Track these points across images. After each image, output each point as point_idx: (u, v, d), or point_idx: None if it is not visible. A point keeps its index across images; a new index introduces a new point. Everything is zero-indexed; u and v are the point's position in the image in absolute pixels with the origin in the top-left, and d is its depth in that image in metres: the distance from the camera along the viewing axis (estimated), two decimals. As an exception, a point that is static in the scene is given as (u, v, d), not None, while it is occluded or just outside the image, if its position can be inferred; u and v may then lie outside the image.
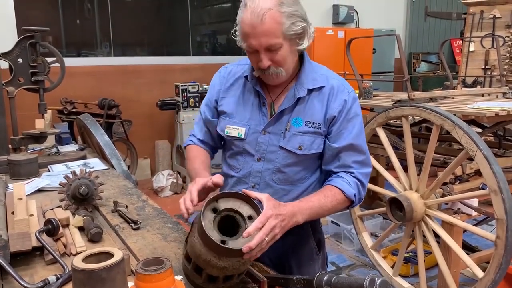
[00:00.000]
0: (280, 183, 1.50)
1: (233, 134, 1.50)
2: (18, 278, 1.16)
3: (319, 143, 1.45)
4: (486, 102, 3.05)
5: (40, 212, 1.66)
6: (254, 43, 1.32)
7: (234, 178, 1.56)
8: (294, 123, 1.44)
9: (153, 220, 1.66)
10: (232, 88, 1.54)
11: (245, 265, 1.16)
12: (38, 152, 2.63)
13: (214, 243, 1.07)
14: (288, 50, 1.35)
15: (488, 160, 2.22)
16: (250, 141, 1.49)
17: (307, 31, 1.36)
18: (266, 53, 1.34)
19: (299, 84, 1.45)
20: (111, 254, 0.95)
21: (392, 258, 3.34)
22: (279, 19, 1.28)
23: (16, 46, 2.51)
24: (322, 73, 1.50)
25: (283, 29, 1.30)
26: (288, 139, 1.45)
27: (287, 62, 1.38)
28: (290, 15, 1.30)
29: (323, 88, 1.45)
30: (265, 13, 1.27)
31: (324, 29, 6.42)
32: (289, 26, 1.30)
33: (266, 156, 1.48)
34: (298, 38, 1.35)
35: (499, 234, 2.24)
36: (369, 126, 2.94)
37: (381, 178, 4.27)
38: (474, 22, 5.80)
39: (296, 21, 1.31)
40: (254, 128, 1.48)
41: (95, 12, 5.62)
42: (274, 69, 1.37)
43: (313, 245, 1.63)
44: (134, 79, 5.60)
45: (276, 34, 1.30)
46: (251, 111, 1.49)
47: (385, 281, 1.05)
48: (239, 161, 1.54)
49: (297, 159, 1.46)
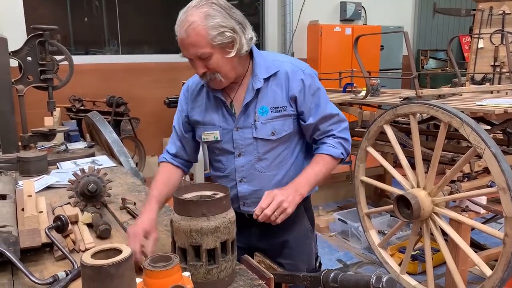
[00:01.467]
0: (265, 170, 1.59)
1: (210, 139, 1.60)
2: (28, 274, 1.17)
3: (289, 123, 1.56)
4: (494, 99, 3.02)
5: (50, 209, 1.68)
6: (185, 53, 1.43)
7: (222, 178, 1.66)
8: (260, 113, 1.53)
9: (160, 217, 1.67)
10: (197, 99, 1.63)
11: (233, 224, 1.21)
12: (47, 149, 2.66)
13: (196, 201, 1.18)
14: (219, 58, 1.42)
15: (496, 158, 2.21)
16: (226, 140, 1.58)
17: (236, 40, 1.41)
18: (199, 61, 1.43)
19: (254, 76, 1.53)
20: (119, 251, 0.96)
21: (399, 255, 3.34)
22: (202, 32, 1.36)
23: (25, 44, 2.54)
24: (273, 59, 1.57)
25: (208, 40, 1.37)
26: (260, 129, 1.54)
27: (222, 68, 1.44)
28: (216, 26, 1.37)
29: (278, 72, 1.53)
30: (189, 26, 1.36)
31: (332, 26, 6.40)
32: (214, 36, 1.37)
33: (244, 150, 1.57)
34: (227, 47, 1.42)
35: (507, 232, 2.23)
36: (376, 123, 2.93)
37: (389, 176, 4.26)
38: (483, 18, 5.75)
39: (223, 31, 1.38)
40: (226, 128, 1.57)
41: (103, 10, 5.65)
42: (211, 75, 1.46)
43: (307, 224, 1.73)
44: (142, 77, 5.62)
45: (201, 45, 1.38)
46: (218, 114, 1.58)
47: (392, 278, 1.05)
48: (222, 161, 1.64)
49: (273, 144, 1.56)
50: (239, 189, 1.61)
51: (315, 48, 6.39)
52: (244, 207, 1.63)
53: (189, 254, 1.17)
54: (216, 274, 1.18)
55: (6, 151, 2.46)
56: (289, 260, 1.66)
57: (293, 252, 1.68)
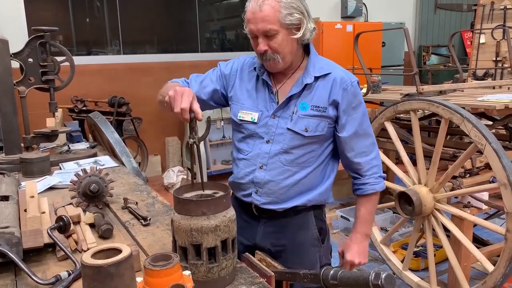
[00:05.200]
0: (287, 164, 1.59)
1: (246, 119, 1.62)
2: (31, 274, 1.18)
3: (324, 125, 1.57)
4: (496, 94, 3.01)
5: (52, 209, 1.69)
6: (253, 27, 1.47)
7: (243, 160, 1.65)
8: (300, 108, 1.56)
9: (162, 217, 1.68)
10: (245, 79, 1.66)
11: (233, 223, 1.21)
12: (50, 150, 2.67)
13: (196, 200, 1.17)
14: (284, 38, 1.47)
15: (497, 153, 2.21)
16: (262, 125, 1.60)
17: (304, 23, 1.48)
18: (263, 38, 1.47)
19: (306, 72, 1.57)
20: (119, 250, 0.97)
21: (402, 252, 3.34)
22: (276, 8, 1.43)
23: (27, 46, 2.54)
24: (328, 63, 1.63)
25: (279, 17, 1.43)
26: (295, 122, 1.55)
27: (284, 49, 1.49)
28: (287, 6, 1.43)
29: (329, 75, 1.57)
30: (264, 1, 1.43)
31: (333, 23, 6.38)
32: (285, 15, 1.43)
33: (274, 138, 1.58)
34: (294, 28, 1.47)
35: (509, 228, 2.23)
36: (377, 120, 2.93)
37: (391, 173, 4.25)
38: (485, 13, 5.72)
39: (293, 12, 1.44)
40: (265, 113, 1.59)
41: (104, 10, 5.66)
42: (271, 55, 1.50)
43: (314, 232, 1.70)
44: (144, 77, 5.63)
45: (272, 20, 1.43)
46: (262, 98, 1.61)
47: (390, 275, 1.06)
48: (249, 144, 1.64)
49: (303, 141, 1.57)
50: (256, 174, 1.60)
51: (316, 45, 6.35)
52: (256, 195, 1.61)
53: (190, 253, 1.17)
54: (217, 272, 1.18)
55: (8, 152, 2.47)
56: (289, 264, 1.57)
57: (294, 258, 1.65)
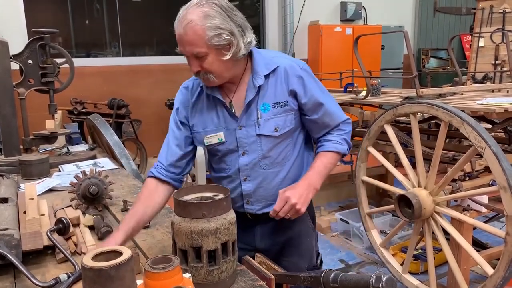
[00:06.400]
0: (268, 168, 1.59)
1: (214, 142, 1.58)
2: (31, 277, 1.18)
3: (291, 119, 1.57)
4: (495, 98, 3.02)
5: (51, 211, 1.69)
6: (182, 49, 1.44)
7: (226, 178, 1.64)
8: (262, 110, 1.54)
9: (162, 219, 1.68)
10: (197, 103, 1.61)
11: (233, 225, 1.21)
12: (49, 152, 2.67)
13: (196, 203, 1.18)
14: (215, 58, 1.42)
15: (497, 157, 2.21)
16: (230, 141, 1.57)
17: (233, 43, 1.41)
18: (194, 59, 1.44)
19: (255, 74, 1.54)
20: (120, 253, 0.97)
21: (401, 255, 3.33)
22: (200, 32, 1.37)
23: (26, 48, 2.55)
24: (272, 56, 1.58)
25: (205, 40, 1.38)
26: (263, 126, 1.54)
27: (217, 69, 1.45)
28: (214, 27, 1.37)
29: (277, 68, 1.54)
30: (187, 24, 1.37)
31: (332, 26, 6.40)
32: (211, 37, 1.38)
33: (248, 148, 1.57)
34: (224, 49, 1.42)
35: (509, 231, 2.22)
36: (377, 123, 2.93)
37: (390, 175, 4.26)
38: (484, 17, 5.75)
39: (221, 33, 1.38)
40: (229, 129, 1.57)
41: (103, 12, 5.66)
42: (204, 74, 1.46)
43: (309, 222, 1.74)
44: (143, 79, 5.64)
45: (198, 44, 1.39)
46: (219, 115, 1.57)
47: (391, 278, 1.05)
48: (226, 162, 1.62)
49: (276, 140, 1.57)
50: (243, 188, 1.60)
51: (315, 48, 6.40)
52: (247, 205, 1.63)
53: (190, 256, 1.17)
54: (217, 275, 1.18)
55: (8, 154, 2.47)
56: (290, 258, 1.67)
57: (295, 250, 1.69)
